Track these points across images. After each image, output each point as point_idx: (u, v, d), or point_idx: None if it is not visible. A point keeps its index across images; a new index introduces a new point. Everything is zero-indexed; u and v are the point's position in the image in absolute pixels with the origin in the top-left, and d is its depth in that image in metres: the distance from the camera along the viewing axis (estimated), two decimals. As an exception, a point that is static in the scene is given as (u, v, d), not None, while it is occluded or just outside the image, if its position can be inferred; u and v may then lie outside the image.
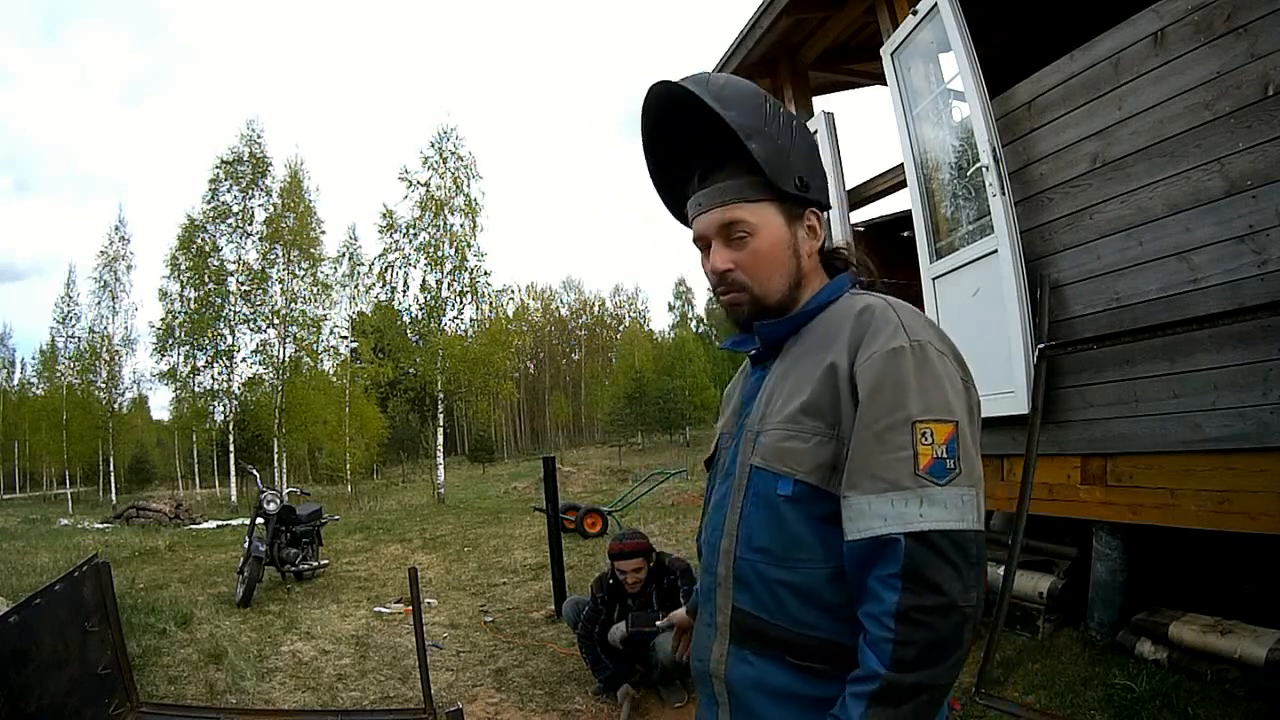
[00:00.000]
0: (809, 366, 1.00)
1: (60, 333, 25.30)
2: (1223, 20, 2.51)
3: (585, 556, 7.47)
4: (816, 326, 1.04)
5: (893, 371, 0.91)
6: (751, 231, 1.03)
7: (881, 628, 0.84)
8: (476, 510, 13.73)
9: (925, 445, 0.88)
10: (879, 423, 0.90)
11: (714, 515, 1.08)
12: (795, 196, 1.03)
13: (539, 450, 44.91)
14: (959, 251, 3.70)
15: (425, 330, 19.45)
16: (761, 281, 1.04)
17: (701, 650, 1.08)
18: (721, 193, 1.03)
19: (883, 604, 0.85)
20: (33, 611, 2.49)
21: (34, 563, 7.59)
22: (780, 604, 0.96)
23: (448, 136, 19.64)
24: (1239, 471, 2.56)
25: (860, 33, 4.93)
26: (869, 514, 0.88)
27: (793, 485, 0.95)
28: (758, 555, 0.99)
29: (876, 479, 0.88)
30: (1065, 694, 2.85)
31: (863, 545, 0.88)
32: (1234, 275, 2.54)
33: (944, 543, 0.85)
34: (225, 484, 26.97)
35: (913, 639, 0.83)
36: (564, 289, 60.96)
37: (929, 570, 0.84)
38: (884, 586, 0.85)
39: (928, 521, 0.86)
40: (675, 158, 1.10)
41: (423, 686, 3.20)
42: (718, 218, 1.03)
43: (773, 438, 0.99)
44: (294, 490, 11.56)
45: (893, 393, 0.90)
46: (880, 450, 0.89)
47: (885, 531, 0.86)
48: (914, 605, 0.83)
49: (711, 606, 1.06)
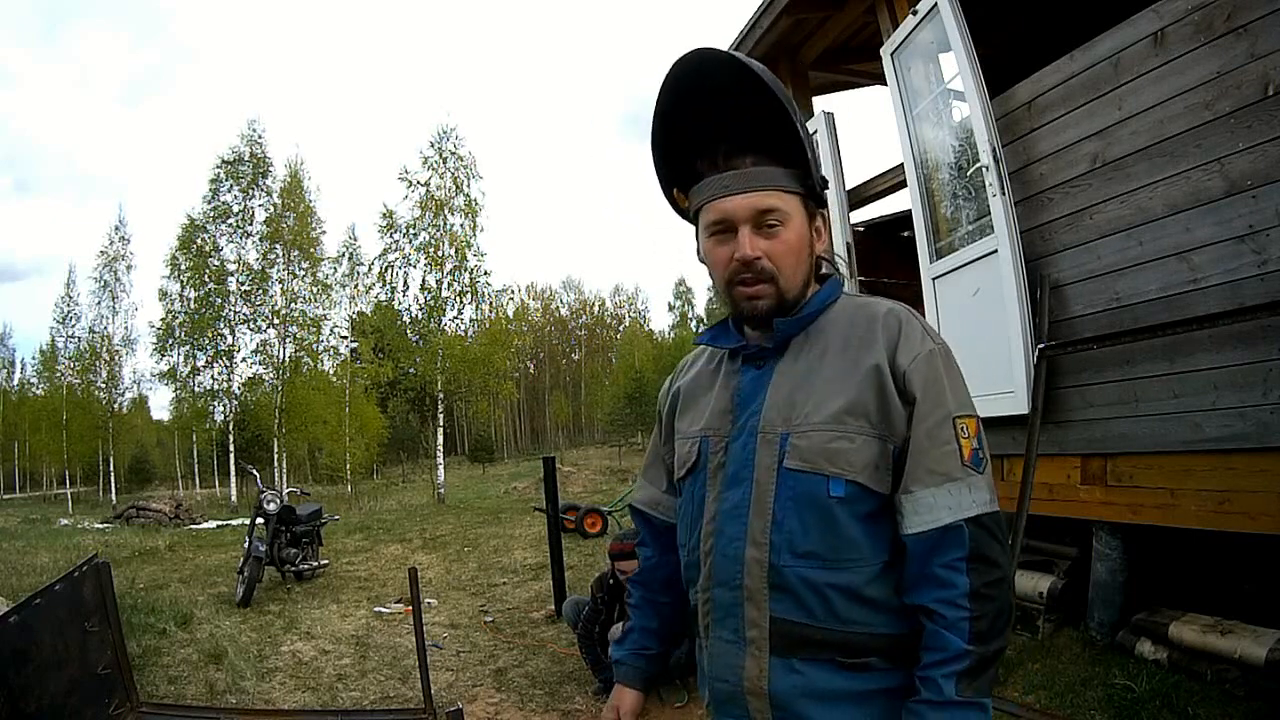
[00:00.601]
0: (843, 367, 0.99)
1: (60, 333, 25.30)
2: (1223, 20, 2.51)
3: (585, 556, 7.47)
4: (827, 325, 1.04)
5: (934, 372, 0.97)
6: (784, 221, 1.00)
7: (957, 609, 0.90)
8: (476, 510, 13.73)
9: (965, 439, 0.96)
10: (929, 420, 0.95)
11: (727, 524, 1.01)
12: (816, 196, 1.04)
13: (539, 450, 44.90)
14: (959, 251, 3.70)
15: (425, 330, 19.45)
16: (788, 274, 1.01)
17: (728, 670, 1.02)
18: (756, 178, 0.99)
19: (956, 588, 0.91)
20: (33, 611, 2.49)
21: (34, 563, 7.59)
22: (829, 606, 0.96)
23: (447, 136, 19.66)
24: (1239, 471, 2.56)
25: (860, 33, 4.93)
26: (936, 506, 0.93)
27: (845, 486, 0.95)
28: (803, 561, 0.96)
29: (934, 473, 0.94)
30: (1065, 694, 2.85)
31: (930, 535, 0.93)
32: (1234, 275, 2.54)
33: (991, 523, 0.94)
34: (225, 484, 26.96)
35: (985, 612, 0.91)
36: (564, 289, 61.00)
37: (987, 549, 0.93)
38: (953, 571, 0.92)
39: (978, 506, 0.94)
40: (693, 132, 1.02)
41: (423, 686, 3.20)
42: (753, 202, 0.98)
43: (815, 440, 0.97)
44: (294, 490, 11.56)
45: (936, 392, 0.97)
46: (933, 446, 0.95)
47: (951, 519, 0.93)
48: (983, 583, 0.91)
49: (735, 622, 1.00)
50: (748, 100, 0.97)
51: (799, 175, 1.00)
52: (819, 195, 1.04)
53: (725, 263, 1.02)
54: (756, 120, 0.98)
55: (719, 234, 1.02)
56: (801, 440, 0.98)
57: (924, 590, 0.93)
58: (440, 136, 19.60)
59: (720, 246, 1.02)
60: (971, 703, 0.89)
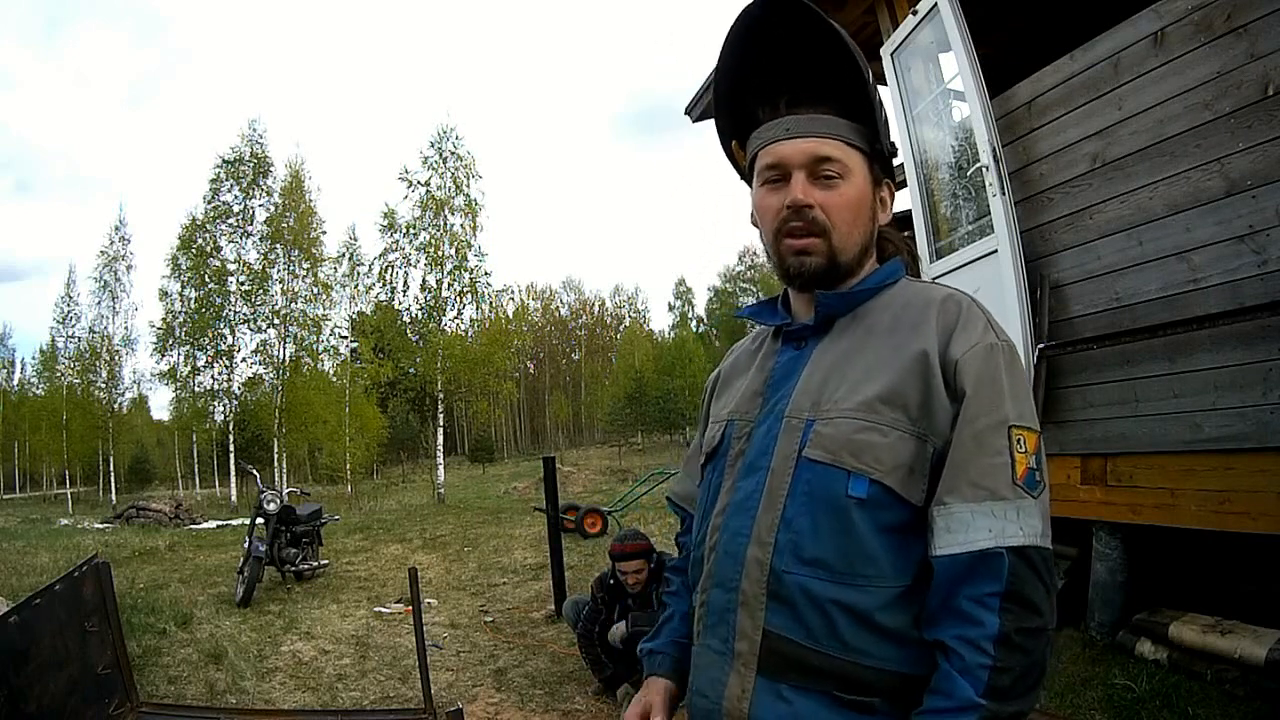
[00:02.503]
0: (885, 351, 0.87)
1: (60, 333, 25.29)
2: (1223, 20, 2.51)
3: (585, 556, 7.47)
4: (878, 308, 0.93)
5: (992, 369, 0.84)
6: (843, 174, 0.90)
7: (979, 653, 0.75)
8: (476, 510, 13.72)
9: (1021, 454, 0.81)
10: (979, 422, 0.81)
11: (734, 517, 0.90)
12: (884, 162, 0.95)
13: (539, 450, 44.90)
14: (959, 251, 3.70)
15: (425, 330, 19.45)
16: (843, 232, 0.90)
17: (708, 684, 0.90)
18: (819, 124, 0.90)
19: (983, 627, 0.76)
20: (33, 611, 2.49)
21: (34, 563, 7.59)
22: (832, 628, 0.82)
23: (447, 136, 19.63)
24: (1239, 471, 2.56)
25: (860, 33, 4.92)
26: (973, 525, 0.79)
27: (868, 486, 0.82)
28: (808, 569, 0.83)
29: (977, 487, 0.80)
30: (1065, 694, 2.85)
31: (961, 560, 0.78)
32: (1234, 275, 2.54)
33: (1038, 560, 0.79)
34: (225, 484, 26.97)
35: (1011, 665, 0.75)
36: (564, 289, 60.96)
37: (1029, 590, 0.77)
38: (982, 608, 0.77)
39: (1026, 536, 0.78)
40: (758, 79, 0.95)
41: (423, 686, 3.20)
42: (811, 147, 0.90)
43: (841, 428, 0.84)
44: (294, 490, 11.57)
45: (992, 392, 0.82)
46: (979, 454, 0.81)
47: (990, 545, 0.77)
48: (1017, 628, 0.76)
49: (726, 630, 0.88)
50: (818, 50, 0.91)
51: (866, 134, 0.92)
52: (886, 161, 0.95)
53: (775, 212, 0.92)
54: (826, 71, 0.91)
55: (772, 182, 0.93)
56: (827, 428, 0.86)
57: (945, 624, 0.79)
58: (440, 136, 19.61)
59: (772, 195, 0.92)
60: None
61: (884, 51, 4.06)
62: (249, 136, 20.91)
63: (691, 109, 5.59)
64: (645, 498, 10.41)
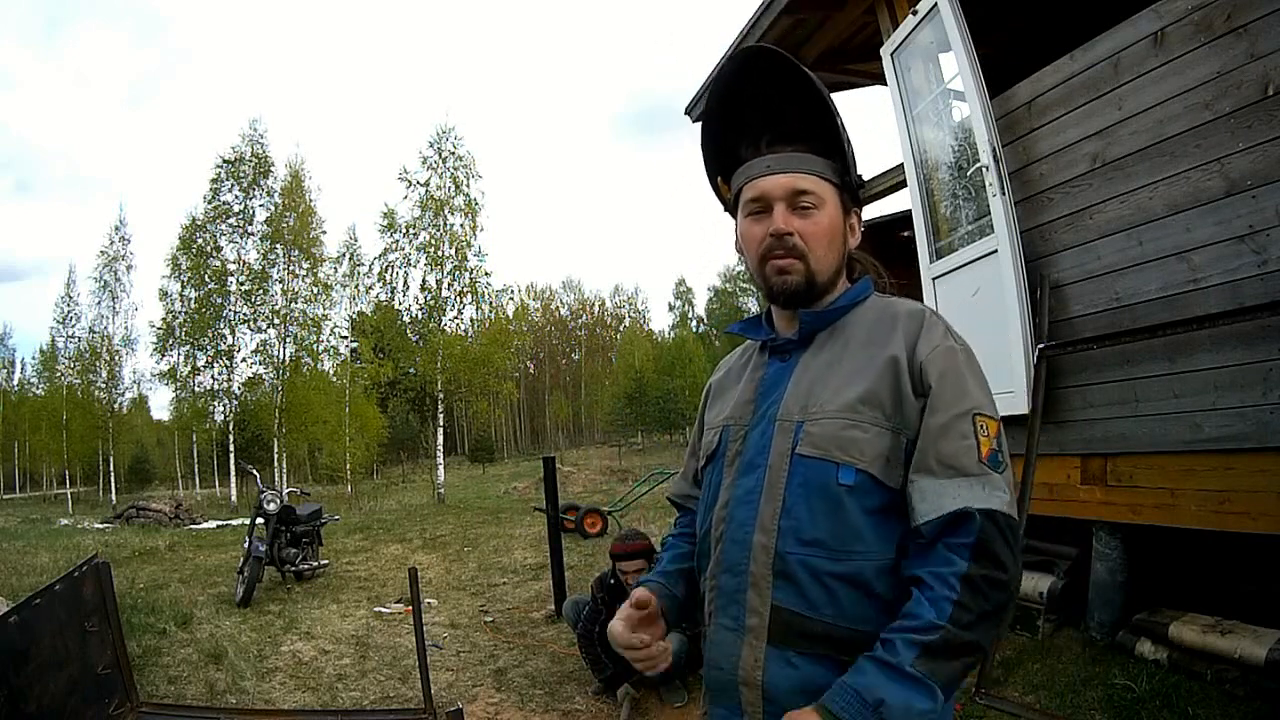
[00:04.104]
0: (861, 359, 1.01)
1: (60, 333, 25.27)
2: (1223, 20, 2.51)
3: (585, 556, 7.47)
4: (853, 322, 1.07)
5: (954, 366, 0.98)
6: (818, 205, 1.04)
7: (947, 586, 0.88)
8: (476, 510, 13.72)
9: (984, 437, 0.94)
10: (946, 412, 0.95)
11: (738, 509, 1.02)
12: (853, 193, 1.09)
13: (539, 450, 44.91)
14: (959, 251, 3.70)
15: (425, 330, 19.44)
16: (819, 255, 1.04)
17: (724, 658, 1.02)
18: (796, 161, 1.05)
19: (953, 566, 0.89)
20: (33, 611, 2.49)
21: (34, 563, 7.59)
22: (833, 598, 0.95)
23: (447, 136, 19.61)
24: (1239, 471, 2.57)
25: (860, 33, 4.93)
26: (943, 494, 0.92)
27: (855, 474, 0.95)
28: (809, 549, 0.96)
29: (945, 465, 0.93)
30: (1065, 694, 2.85)
31: (937, 523, 0.91)
32: (1234, 275, 2.54)
33: (1005, 524, 0.91)
34: (225, 484, 26.97)
35: (972, 604, 0.87)
36: (564, 289, 60.95)
37: (996, 546, 0.90)
38: (953, 552, 0.90)
39: (994, 502, 0.91)
40: (742, 121, 1.10)
41: (423, 686, 3.20)
42: (790, 182, 1.04)
43: (829, 427, 0.98)
44: (294, 490, 11.56)
45: (955, 385, 0.96)
46: (946, 439, 0.94)
47: (960, 506, 0.90)
48: (982, 574, 0.88)
49: (737, 609, 1.00)
50: (794, 96, 1.05)
51: (837, 169, 1.07)
52: (855, 192, 1.09)
53: (759, 240, 1.06)
54: (801, 114, 1.06)
55: (755, 213, 1.07)
56: (815, 427, 0.99)
57: (921, 561, 0.92)
58: (440, 136, 19.58)
59: (756, 225, 1.06)
60: (922, 681, 0.85)
61: (884, 51, 4.06)
62: (249, 136, 20.91)
63: (692, 109, 5.59)
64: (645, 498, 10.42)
